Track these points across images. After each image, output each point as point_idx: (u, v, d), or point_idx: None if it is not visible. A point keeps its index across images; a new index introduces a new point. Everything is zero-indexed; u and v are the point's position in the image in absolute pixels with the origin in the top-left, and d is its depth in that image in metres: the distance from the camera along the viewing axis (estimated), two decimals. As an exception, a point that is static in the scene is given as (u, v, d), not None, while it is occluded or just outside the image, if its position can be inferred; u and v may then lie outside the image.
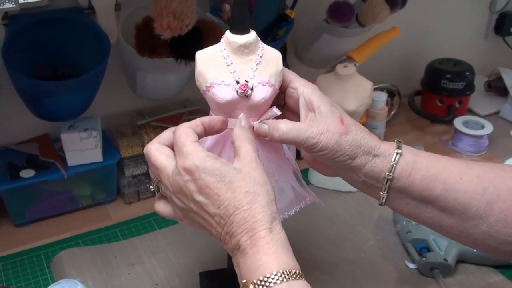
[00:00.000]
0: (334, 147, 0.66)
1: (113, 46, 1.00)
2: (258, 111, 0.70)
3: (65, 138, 1.04)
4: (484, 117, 1.47)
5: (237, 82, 0.68)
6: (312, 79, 1.22)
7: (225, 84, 0.68)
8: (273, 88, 0.70)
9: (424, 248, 0.98)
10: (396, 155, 0.67)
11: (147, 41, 0.94)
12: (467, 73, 1.45)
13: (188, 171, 0.61)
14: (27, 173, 1.04)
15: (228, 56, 0.69)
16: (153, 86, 1.10)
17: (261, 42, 0.71)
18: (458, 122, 1.36)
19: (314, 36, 1.22)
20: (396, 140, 0.70)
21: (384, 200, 0.69)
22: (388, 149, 0.68)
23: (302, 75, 1.35)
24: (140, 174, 1.15)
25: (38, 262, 0.99)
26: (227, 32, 0.69)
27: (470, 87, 1.46)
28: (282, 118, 0.70)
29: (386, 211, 1.11)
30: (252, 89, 0.68)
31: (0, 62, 0.92)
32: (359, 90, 1.12)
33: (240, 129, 0.67)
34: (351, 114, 1.11)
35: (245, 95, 0.68)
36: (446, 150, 1.36)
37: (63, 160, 1.07)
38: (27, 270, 0.97)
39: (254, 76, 0.69)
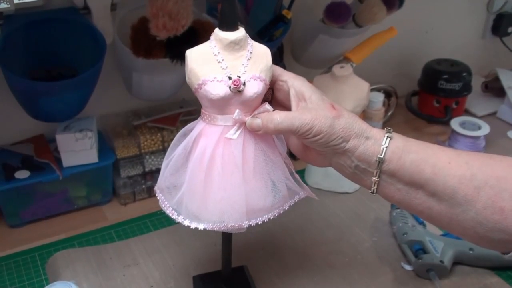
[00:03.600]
0: (328, 130, 0.67)
1: (109, 47, 1.00)
2: (250, 106, 0.71)
3: (60, 139, 1.04)
4: (481, 118, 1.47)
5: (229, 78, 0.69)
6: (308, 79, 1.21)
7: (218, 81, 0.69)
8: (264, 83, 0.71)
9: (420, 249, 0.97)
10: (387, 138, 0.68)
11: (143, 41, 0.94)
12: (464, 74, 1.45)
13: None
14: (22, 174, 1.04)
15: (219, 53, 0.70)
16: (149, 86, 1.09)
17: (249, 38, 0.72)
18: (455, 123, 1.36)
19: (311, 37, 1.22)
20: (386, 128, 0.71)
21: (375, 186, 0.70)
22: (379, 133, 0.70)
23: (299, 75, 1.35)
24: (135, 175, 1.15)
25: (33, 263, 0.99)
26: (217, 29, 0.70)
27: (467, 88, 1.46)
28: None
29: (382, 212, 1.11)
30: (244, 84, 0.69)
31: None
32: (356, 91, 1.12)
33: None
34: (348, 115, 1.11)
35: (238, 91, 0.69)
36: (443, 151, 1.36)
37: (58, 161, 1.07)
38: (22, 272, 0.96)
39: (245, 71, 0.70)
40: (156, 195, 0.78)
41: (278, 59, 1.33)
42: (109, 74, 1.09)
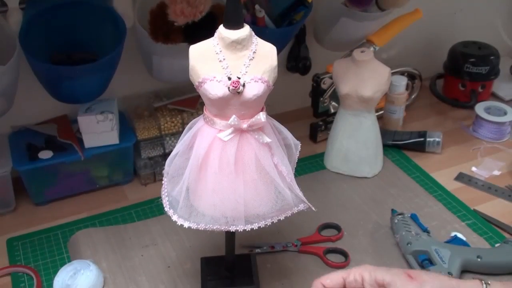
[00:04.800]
0: None
1: (129, 30, 1.01)
2: (250, 107, 0.71)
3: (82, 120, 1.06)
4: (508, 102, 1.44)
5: (229, 79, 0.68)
6: (331, 62, 1.21)
7: (217, 80, 0.68)
8: (266, 85, 0.70)
9: (426, 260, 0.92)
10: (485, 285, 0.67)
11: (161, 26, 0.94)
12: (492, 57, 1.41)
13: None
14: (46, 154, 1.07)
15: (220, 51, 0.69)
16: (169, 69, 1.10)
17: (255, 36, 0.71)
18: (479, 108, 1.33)
19: (333, 20, 1.20)
20: (478, 278, 0.69)
21: None
22: (474, 284, 0.68)
23: (321, 57, 1.34)
24: (156, 156, 1.17)
25: (56, 241, 1.02)
26: (221, 27, 0.69)
27: (494, 72, 1.43)
28: None
29: (401, 197, 1.11)
30: (244, 85, 0.68)
31: (18, 46, 0.93)
32: (376, 76, 1.10)
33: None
34: (367, 100, 1.10)
35: (237, 92, 0.68)
36: (467, 136, 1.34)
37: (80, 141, 1.09)
38: (45, 249, 1.00)
39: (246, 72, 0.69)
40: (163, 178, 0.80)
41: (300, 40, 1.33)
42: (130, 56, 1.10)
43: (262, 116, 0.70)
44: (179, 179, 0.76)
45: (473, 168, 1.22)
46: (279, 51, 0.74)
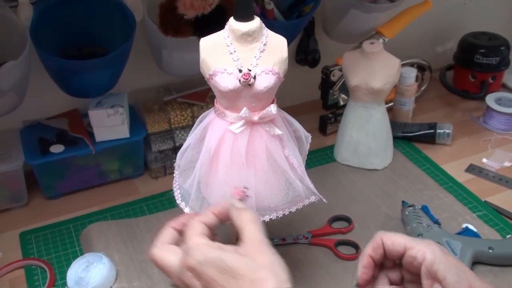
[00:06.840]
0: None
1: (139, 23, 1.01)
2: (261, 99, 0.71)
3: (92, 115, 1.07)
4: (519, 93, 1.43)
5: (240, 71, 0.68)
6: (340, 54, 1.21)
7: (228, 73, 0.68)
8: (277, 76, 0.70)
9: None
10: None
11: (171, 20, 0.94)
12: (502, 48, 1.40)
13: (191, 269, 0.61)
14: (57, 148, 1.07)
15: (231, 43, 0.69)
16: (179, 63, 1.10)
17: (265, 28, 0.71)
18: (490, 99, 1.33)
19: (342, 12, 1.20)
20: None
21: None
22: None
23: (331, 49, 1.34)
24: (166, 149, 1.17)
25: (68, 234, 1.03)
26: (231, 19, 0.69)
27: (505, 62, 1.42)
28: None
29: (411, 190, 1.11)
30: (255, 77, 0.68)
31: (28, 40, 0.94)
32: (386, 68, 1.10)
33: (238, 210, 0.66)
34: (377, 92, 1.10)
35: (248, 84, 0.68)
36: (477, 128, 1.33)
37: (91, 135, 1.10)
38: (58, 243, 1.01)
39: (257, 64, 0.69)
40: (175, 171, 0.80)
41: (309, 32, 1.32)
42: (140, 50, 1.10)
43: (273, 108, 0.70)
44: (191, 171, 0.76)
45: (484, 160, 1.21)
46: (288, 44, 0.74)
